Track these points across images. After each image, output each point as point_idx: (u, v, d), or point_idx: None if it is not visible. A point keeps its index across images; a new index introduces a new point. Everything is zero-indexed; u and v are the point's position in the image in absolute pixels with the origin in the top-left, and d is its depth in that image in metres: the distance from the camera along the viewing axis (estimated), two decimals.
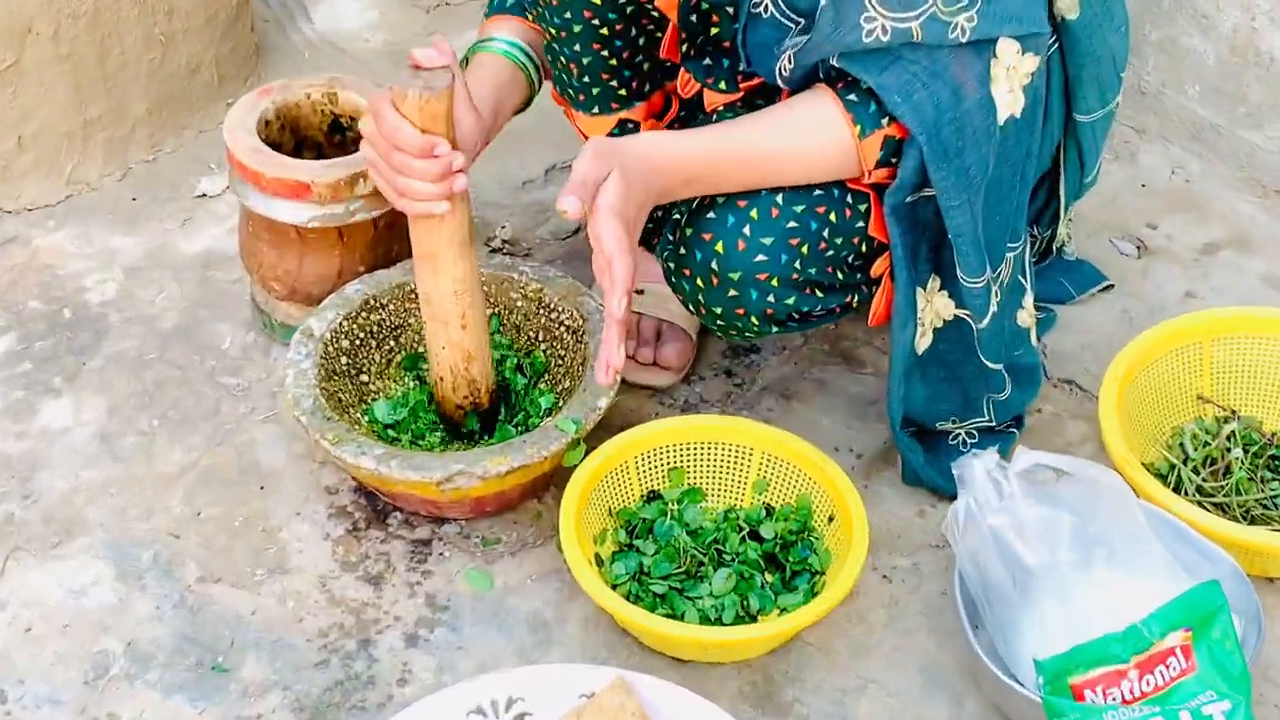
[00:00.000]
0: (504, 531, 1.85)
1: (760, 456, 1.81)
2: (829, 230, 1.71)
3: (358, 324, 1.93)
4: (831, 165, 1.68)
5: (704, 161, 1.68)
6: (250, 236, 2.01)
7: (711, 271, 1.71)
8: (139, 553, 1.81)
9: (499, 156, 2.23)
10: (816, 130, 1.67)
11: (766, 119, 1.70)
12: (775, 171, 1.69)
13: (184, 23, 2.24)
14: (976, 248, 1.69)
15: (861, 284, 1.77)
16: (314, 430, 1.77)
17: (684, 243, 1.73)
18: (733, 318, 1.74)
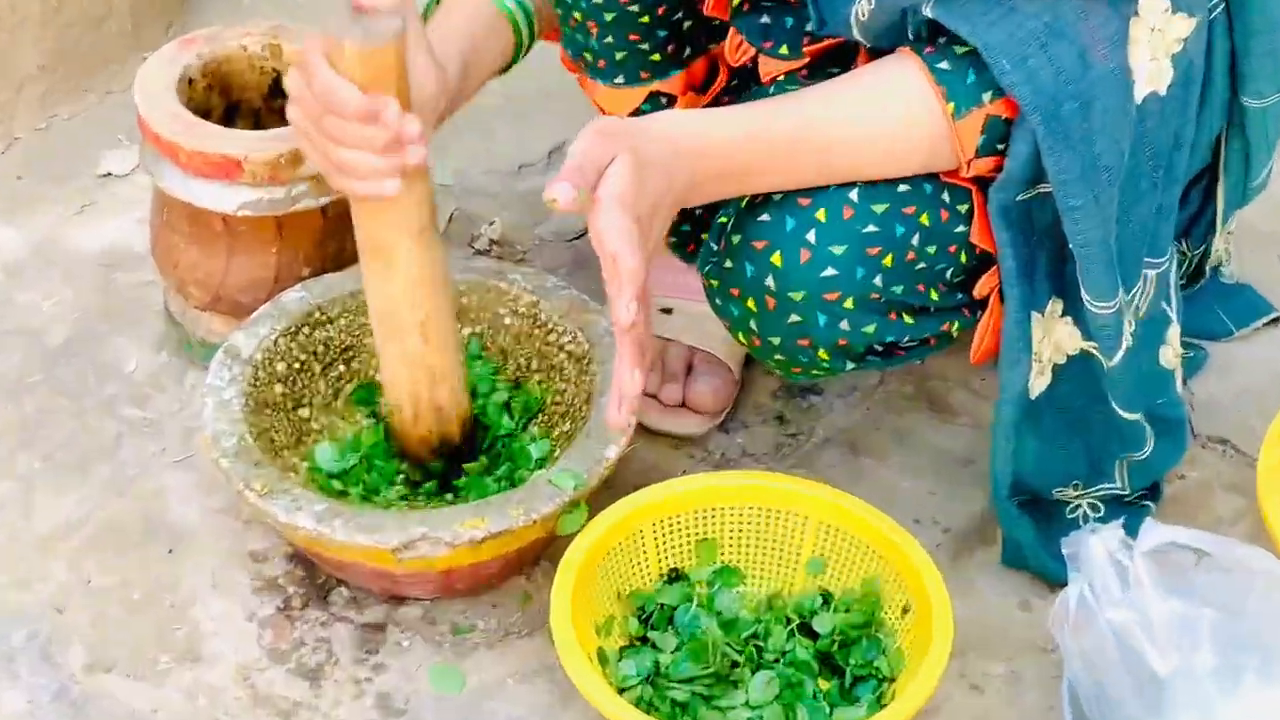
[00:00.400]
0: (480, 616, 1.84)
1: (817, 528, 1.80)
2: (919, 236, 1.69)
3: (298, 343, 1.93)
4: (919, 153, 1.67)
5: (749, 147, 1.66)
6: (165, 228, 2.02)
7: (766, 290, 1.70)
8: (10, 631, 1.80)
9: (489, 133, 2.25)
10: (898, 107, 1.65)
11: (832, 92, 1.68)
12: (845, 161, 1.67)
13: None
14: (1106, 263, 1.67)
15: (961, 307, 1.77)
16: (239, 478, 1.76)
17: (731, 253, 1.72)
18: (794, 350, 1.73)
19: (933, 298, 1.73)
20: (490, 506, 1.75)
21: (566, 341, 1.95)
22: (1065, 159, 1.62)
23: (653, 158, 1.61)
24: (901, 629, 1.76)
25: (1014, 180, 1.65)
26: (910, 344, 1.76)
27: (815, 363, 1.74)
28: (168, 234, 2.02)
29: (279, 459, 1.86)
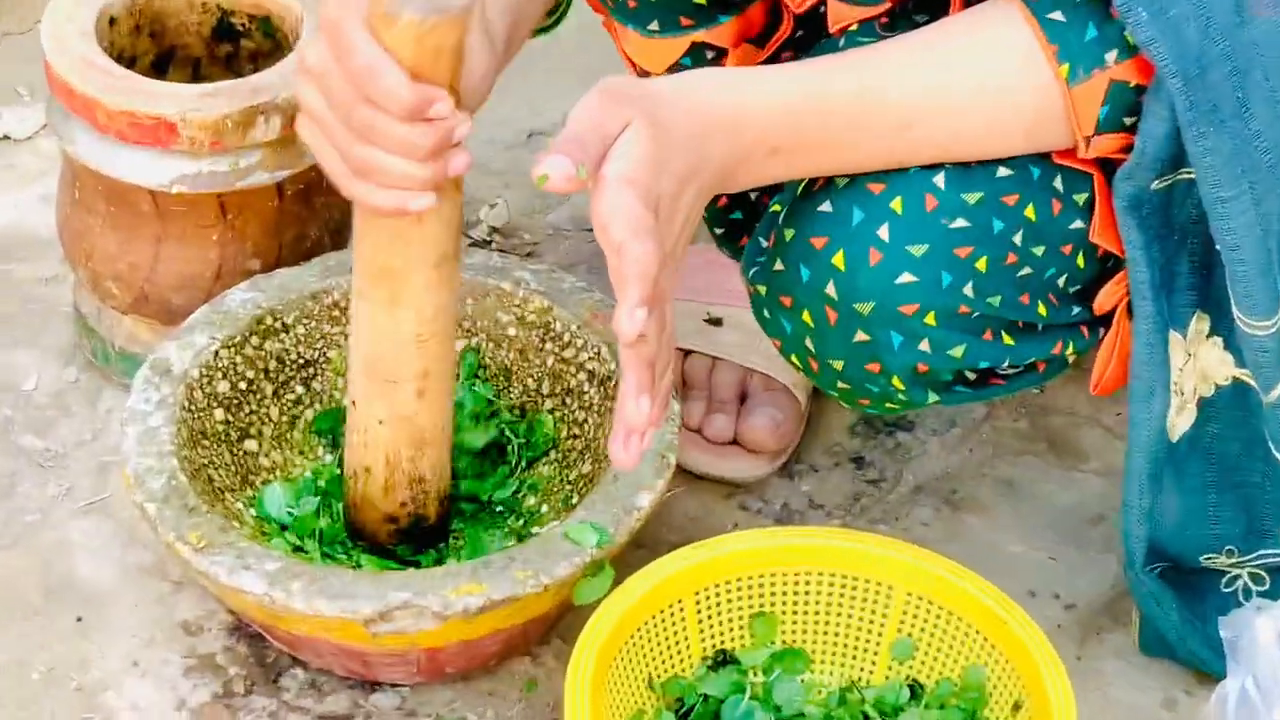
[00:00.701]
0: (473, 708, 1.85)
1: (903, 600, 1.80)
2: (1023, 234, 1.70)
3: (244, 357, 1.94)
4: (1022, 127, 1.67)
5: (801, 117, 1.66)
6: (77, 207, 2.03)
7: (827, 300, 1.71)
8: None
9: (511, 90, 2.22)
10: (997, 68, 1.66)
11: (912, 47, 1.68)
12: (928, 136, 1.68)
13: None
14: (1263, 270, 1.66)
15: (1078, 324, 1.77)
16: (168, 528, 1.75)
17: (783, 251, 1.73)
18: (861, 377, 1.75)
19: (1040, 312, 1.74)
20: (490, 568, 1.75)
21: (587, 359, 1.95)
22: (1213, 138, 1.61)
23: (677, 128, 1.60)
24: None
25: (1147, 164, 1.64)
26: (1011, 371, 1.77)
27: (888, 393, 1.76)
28: (80, 215, 2.03)
29: (220, 504, 1.86)
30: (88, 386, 2.09)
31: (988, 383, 1.77)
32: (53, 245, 2.13)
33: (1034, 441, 2.07)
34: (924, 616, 1.80)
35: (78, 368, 2.10)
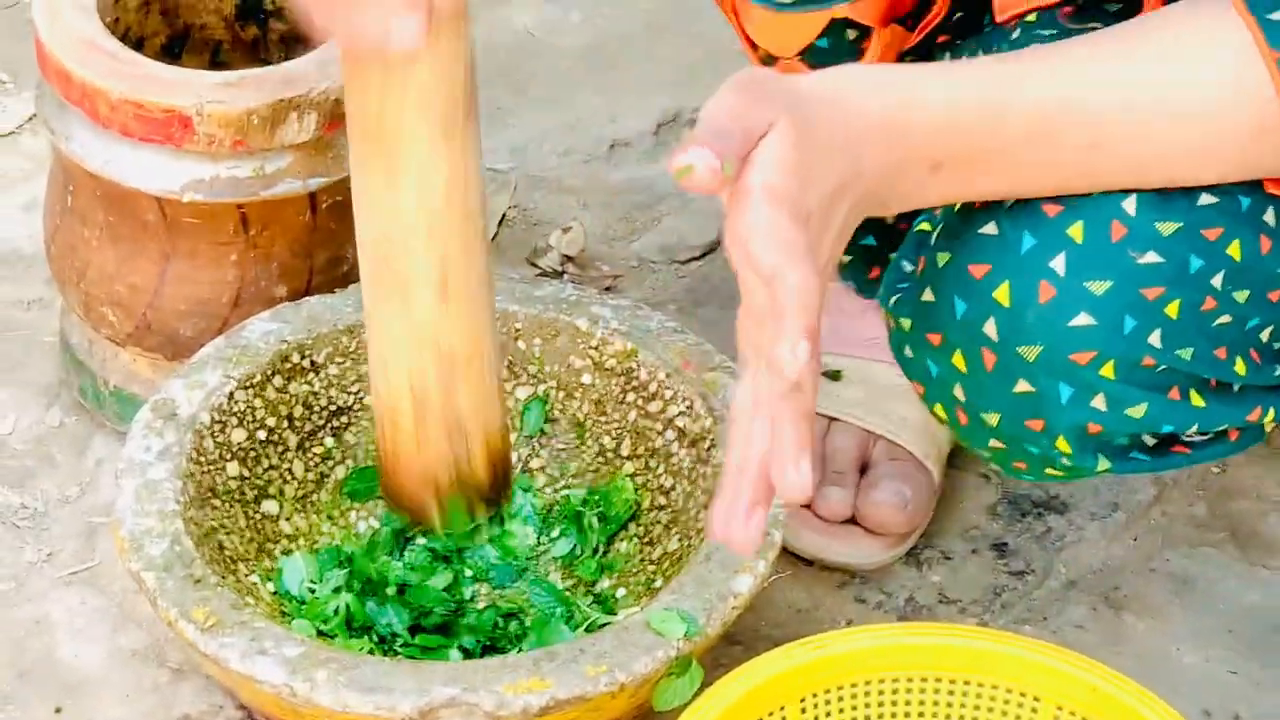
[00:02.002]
0: None
1: (1053, 716, 1.81)
2: (1225, 275, 1.69)
3: (265, 401, 1.96)
4: (1234, 146, 1.65)
5: (980, 127, 1.65)
6: (70, 216, 2.05)
7: (985, 340, 1.70)
8: None
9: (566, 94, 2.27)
10: (1208, 76, 1.64)
11: (1110, 49, 1.67)
12: (1122, 158, 1.67)
13: None
14: None
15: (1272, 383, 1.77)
16: (169, 603, 1.76)
17: (934, 279, 1.74)
18: (1020, 435, 1.74)
19: (1238, 370, 1.73)
20: (556, 660, 1.75)
21: (677, 414, 1.95)
22: None
23: (828, 134, 1.59)
24: None
25: None
26: (1199, 437, 1.76)
27: (1050, 456, 1.75)
28: (73, 226, 2.05)
29: (232, 575, 1.86)
30: (75, 432, 2.10)
31: (1169, 450, 1.77)
32: (38, 262, 2.15)
33: (1213, 531, 2.06)
34: None
35: (63, 409, 2.11)
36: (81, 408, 2.11)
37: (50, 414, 2.11)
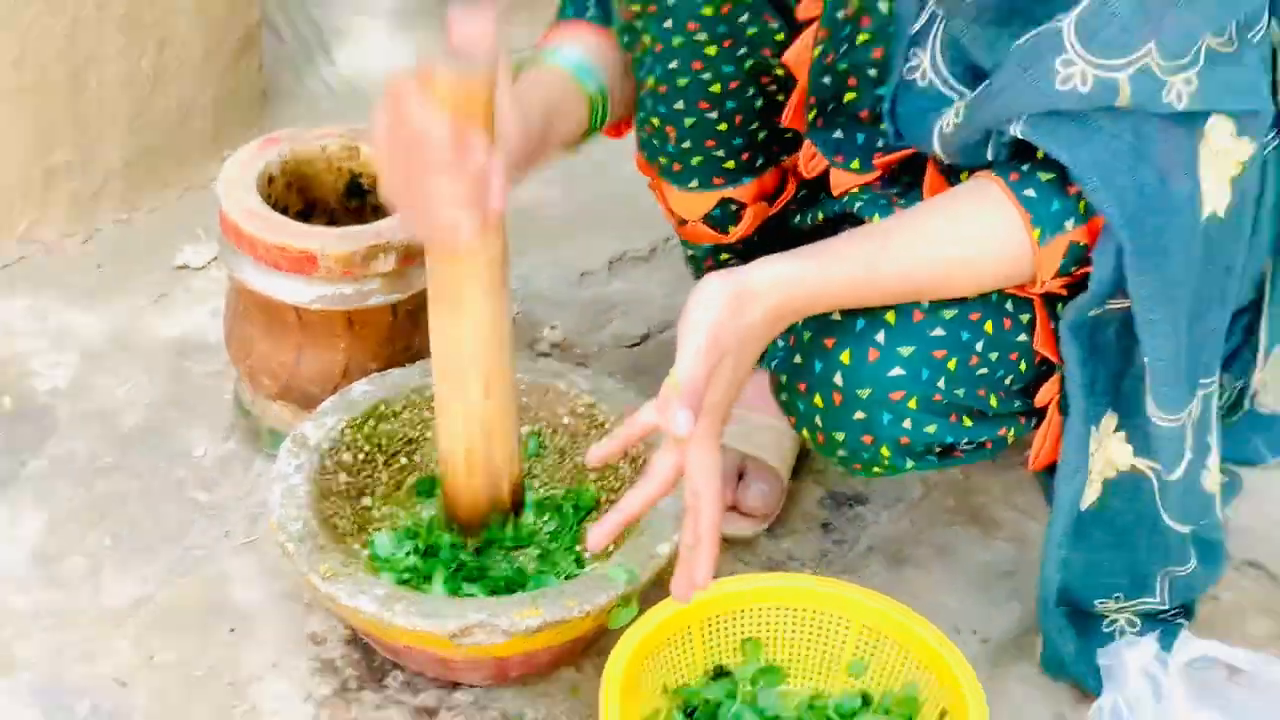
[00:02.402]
0: (530, 705, 1.83)
1: (859, 631, 1.79)
2: (984, 343, 1.69)
3: (363, 434, 1.93)
4: (1000, 275, 1.67)
5: (854, 293, 1.65)
6: (239, 319, 2.04)
7: (834, 387, 1.69)
8: (74, 702, 1.80)
9: (553, 241, 2.26)
10: (988, 236, 1.65)
11: (917, 233, 1.67)
12: (933, 287, 1.67)
13: (178, 56, 2.25)
14: (1175, 378, 1.67)
15: (1019, 414, 1.76)
16: (303, 562, 1.75)
17: (801, 349, 1.71)
18: (859, 447, 1.72)
19: (992, 403, 1.72)
20: (545, 597, 1.74)
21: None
22: (1148, 275, 1.61)
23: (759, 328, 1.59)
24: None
25: (1095, 297, 1.64)
26: (968, 446, 1.75)
27: (877, 459, 1.73)
28: (242, 325, 2.04)
29: (342, 545, 1.84)
30: (243, 455, 2.08)
31: (950, 454, 1.76)
32: (219, 349, 2.12)
33: (960, 514, 2.05)
34: (874, 644, 1.80)
35: (235, 441, 2.09)
36: (247, 440, 2.10)
37: (228, 444, 2.10)
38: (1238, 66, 1.59)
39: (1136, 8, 1.53)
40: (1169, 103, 1.56)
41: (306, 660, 1.88)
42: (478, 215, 1.59)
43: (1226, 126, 1.60)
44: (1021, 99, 1.60)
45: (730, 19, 1.77)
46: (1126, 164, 1.58)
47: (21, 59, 2.13)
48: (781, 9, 1.78)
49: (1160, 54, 1.54)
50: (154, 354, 2.18)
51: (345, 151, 2.06)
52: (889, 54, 1.75)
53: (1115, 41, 1.55)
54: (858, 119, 1.82)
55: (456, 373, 1.76)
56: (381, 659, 1.87)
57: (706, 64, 1.79)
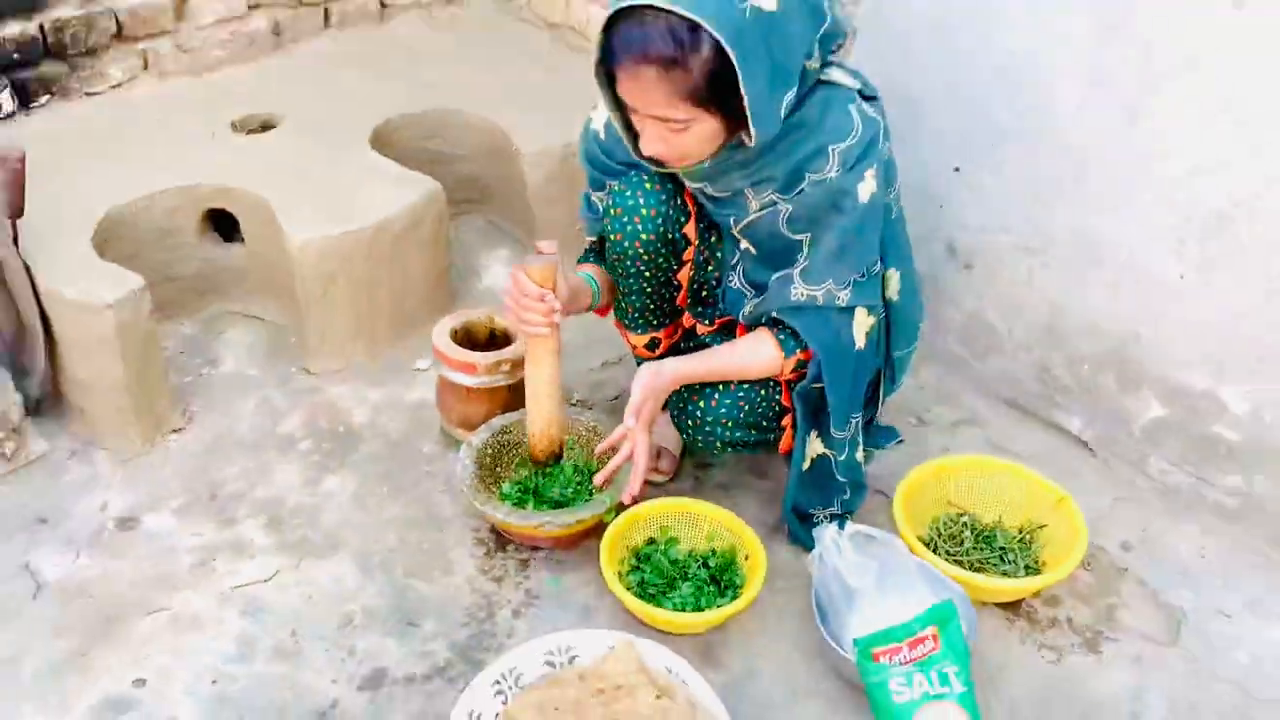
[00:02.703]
0: (569, 556, 1.80)
1: (711, 522, 1.77)
2: (761, 398, 1.64)
3: (497, 440, 1.89)
4: (767, 370, 1.62)
5: (700, 375, 1.62)
6: (442, 392, 1.99)
7: (694, 417, 1.66)
8: (372, 560, 1.78)
9: (578, 359, 2.23)
10: (762, 355, 1.60)
11: (732, 349, 1.61)
12: (736, 375, 1.62)
13: (415, 279, 2.22)
14: (841, 417, 1.64)
15: (775, 430, 1.70)
16: (469, 496, 1.74)
17: (684, 403, 1.67)
18: (708, 443, 1.68)
19: (764, 424, 1.67)
20: (576, 510, 1.71)
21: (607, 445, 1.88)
22: (830, 374, 1.58)
23: (664, 390, 1.59)
24: (745, 566, 1.71)
25: (808, 381, 1.60)
26: (754, 443, 1.69)
27: (713, 448, 1.68)
28: (443, 394, 1.99)
29: (488, 489, 1.81)
30: (444, 451, 2.01)
31: (747, 446, 1.69)
32: (433, 405, 2.06)
33: (754, 471, 1.98)
34: (717, 527, 1.76)
35: (441, 445, 2.02)
36: (446, 444, 2.02)
37: (438, 446, 2.04)
38: (869, 285, 1.58)
39: (822, 266, 1.56)
40: (839, 302, 1.55)
41: (471, 537, 1.84)
42: (547, 325, 1.59)
43: (864, 312, 1.60)
44: (777, 300, 1.58)
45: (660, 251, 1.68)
46: (822, 328, 1.57)
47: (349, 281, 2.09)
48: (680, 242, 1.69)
49: (833, 284, 1.55)
50: (406, 408, 2.11)
51: (488, 319, 2.02)
52: (722, 274, 1.71)
53: (814, 279, 1.56)
54: (709, 302, 1.76)
55: (537, 393, 1.71)
56: (504, 538, 1.83)
57: (645, 282, 1.71)
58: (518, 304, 1.57)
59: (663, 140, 1.40)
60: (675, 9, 1.26)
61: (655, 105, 1.35)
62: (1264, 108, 1.52)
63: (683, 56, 1.30)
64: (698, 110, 1.35)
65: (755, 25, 1.29)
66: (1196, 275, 1.70)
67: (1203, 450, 1.81)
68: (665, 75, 1.32)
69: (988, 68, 1.80)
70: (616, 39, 1.33)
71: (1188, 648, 1.62)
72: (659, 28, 1.29)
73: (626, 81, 1.35)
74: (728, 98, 1.33)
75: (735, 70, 1.29)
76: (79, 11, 2.20)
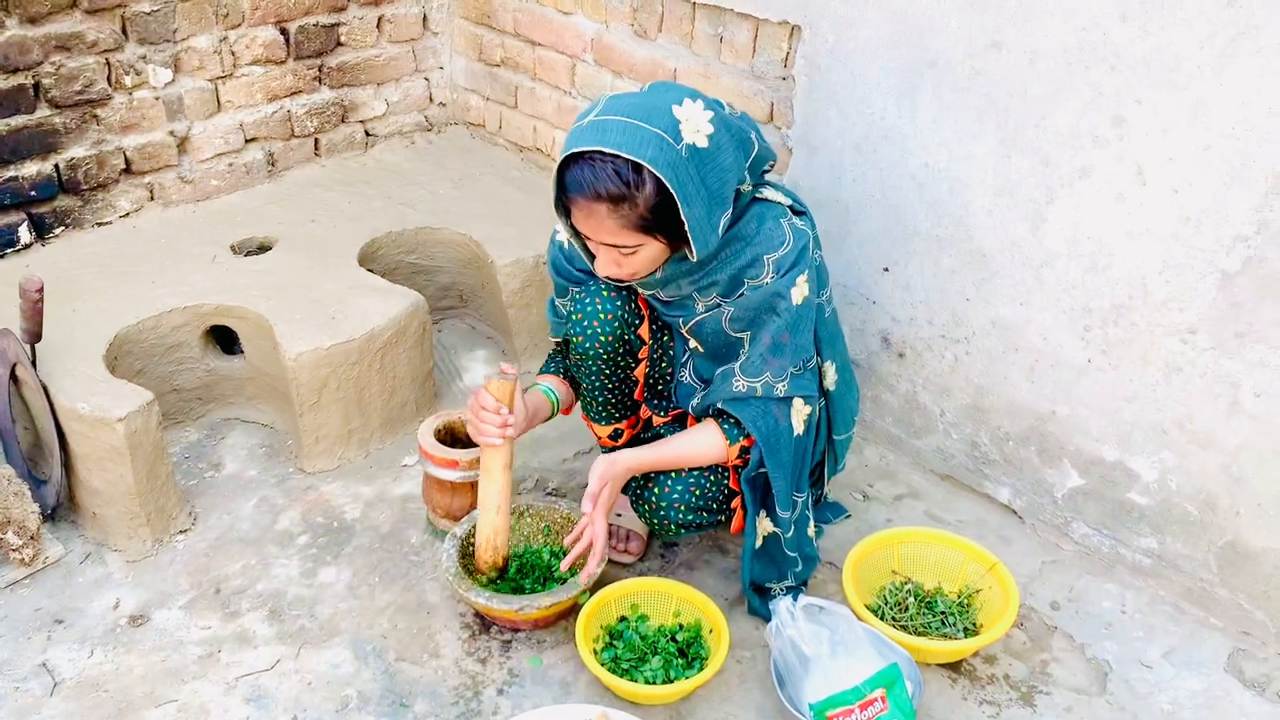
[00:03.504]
0: (548, 635, 1.80)
1: (677, 599, 1.76)
2: (711, 483, 1.65)
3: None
4: (714, 458, 1.62)
5: (652, 464, 1.63)
6: (428, 487, 1.97)
7: (650, 502, 1.66)
8: (366, 646, 1.78)
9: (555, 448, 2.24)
10: (709, 443, 1.61)
11: (682, 439, 1.62)
12: (687, 463, 1.63)
13: (401, 381, 2.19)
14: (785, 498, 1.63)
15: (727, 511, 1.69)
16: (454, 584, 1.72)
17: (642, 489, 1.68)
18: (664, 526, 1.67)
19: (714, 507, 1.67)
20: (552, 594, 1.71)
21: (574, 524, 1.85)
22: (771, 461, 1.59)
23: (619, 478, 1.59)
24: (710, 639, 1.72)
25: (751, 467, 1.60)
26: (707, 524, 1.69)
27: (668, 530, 1.67)
28: (428, 489, 1.98)
29: (469, 576, 1.79)
30: (430, 542, 2.00)
31: (703, 527, 1.68)
32: (419, 498, 2.06)
33: (714, 549, 1.97)
34: (684, 604, 1.75)
35: (427, 536, 2.01)
36: (433, 535, 2.01)
37: (425, 536, 2.01)
38: (805, 377, 1.60)
39: (760, 361, 1.62)
40: (776, 393, 1.58)
41: (458, 624, 1.83)
42: (501, 438, 1.58)
43: (800, 402, 1.60)
44: (721, 392, 1.61)
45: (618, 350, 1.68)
46: (763, 417, 1.58)
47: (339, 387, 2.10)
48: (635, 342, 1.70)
49: (771, 376, 1.57)
50: (394, 501, 2.09)
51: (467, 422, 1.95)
52: (675, 370, 1.73)
53: (753, 372, 1.59)
54: (664, 395, 1.77)
55: (487, 503, 1.69)
56: (487, 621, 1.82)
57: (606, 379, 1.71)
58: (476, 416, 1.57)
59: (616, 264, 1.45)
60: (621, 154, 1.31)
61: (607, 235, 1.40)
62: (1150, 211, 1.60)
63: (629, 194, 1.34)
64: (645, 237, 1.40)
65: (690, 161, 1.34)
66: (1102, 358, 1.77)
67: (1118, 515, 1.86)
68: (615, 210, 1.36)
69: (907, 180, 1.87)
70: (570, 178, 1.37)
71: (1114, 696, 1.65)
72: (607, 170, 1.33)
73: (580, 215, 1.39)
74: (670, 223, 1.38)
75: (676, 201, 1.35)
76: (91, 151, 2.27)
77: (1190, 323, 1.62)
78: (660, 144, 1.31)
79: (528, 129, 2.69)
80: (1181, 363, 1.66)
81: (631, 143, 1.30)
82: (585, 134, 1.32)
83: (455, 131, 2.93)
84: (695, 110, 1.34)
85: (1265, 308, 1.52)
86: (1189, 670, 1.70)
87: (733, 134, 1.39)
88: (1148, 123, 1.53)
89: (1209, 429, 1.67)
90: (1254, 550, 1.68)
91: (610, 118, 1.31)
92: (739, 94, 2.03)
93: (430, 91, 2.86)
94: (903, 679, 1.50)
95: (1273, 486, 1.62)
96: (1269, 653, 1.70)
